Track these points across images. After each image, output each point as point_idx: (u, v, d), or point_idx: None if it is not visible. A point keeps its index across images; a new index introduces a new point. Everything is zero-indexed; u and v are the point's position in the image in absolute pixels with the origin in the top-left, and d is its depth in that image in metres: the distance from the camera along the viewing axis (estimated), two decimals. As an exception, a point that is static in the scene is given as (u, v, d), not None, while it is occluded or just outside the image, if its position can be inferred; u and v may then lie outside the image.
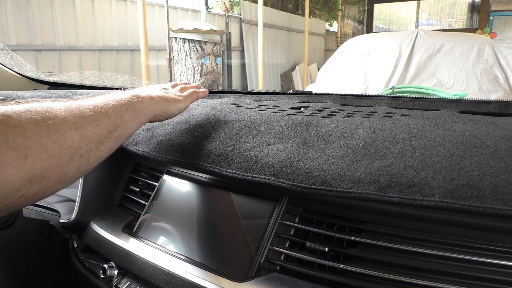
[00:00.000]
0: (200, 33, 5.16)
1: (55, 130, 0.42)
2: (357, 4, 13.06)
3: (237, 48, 6.96)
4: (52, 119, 0.43)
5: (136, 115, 0.56)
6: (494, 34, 10.16)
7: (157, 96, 0.63)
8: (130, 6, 5.27)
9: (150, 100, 0.60)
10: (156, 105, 0.61)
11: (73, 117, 0.45)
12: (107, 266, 0.63)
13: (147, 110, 0.59)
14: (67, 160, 0.43)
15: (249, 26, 7.00)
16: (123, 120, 0.53)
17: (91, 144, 0.47)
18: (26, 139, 0.39)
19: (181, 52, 5.16)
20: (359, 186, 0.47)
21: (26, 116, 0.40)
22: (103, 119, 0.50)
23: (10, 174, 0.37)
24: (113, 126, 0.51)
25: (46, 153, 0.41)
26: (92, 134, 0.47)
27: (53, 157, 0.41)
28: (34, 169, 0.39)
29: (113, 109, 0.52)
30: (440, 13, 15.61)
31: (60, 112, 0.44)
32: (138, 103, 0.57)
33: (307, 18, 7.70)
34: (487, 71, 2.42)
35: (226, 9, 6.46)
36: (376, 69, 2.66)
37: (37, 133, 0.40)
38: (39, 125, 0.41)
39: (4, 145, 0.37)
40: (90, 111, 0.48)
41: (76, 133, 0.45)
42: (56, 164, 0.42)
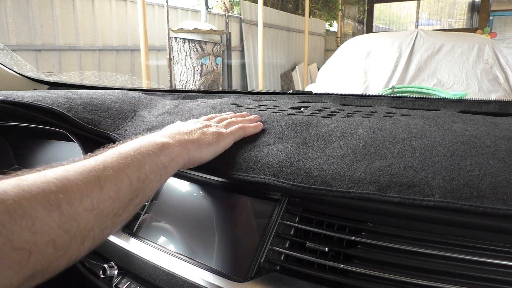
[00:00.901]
0: (200, 33, 5.16)
1: (69, 216, 0.35)
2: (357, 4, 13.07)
3: (237, 48, 6.96)
4: (66, 201, 0.35)
5: (162, 173, 0.47)
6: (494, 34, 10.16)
7: (189, 142, 0.53)
8: (130, 6, 5.27)
9: (180, 148, 0.51)
10: (185, 154, 0.52)
11: (92, 194, 0.38)
12: (107, 266, 0.63)
13: (174, 163, 0.50)
14: (77, 246, 0.36)
15: (249, 26, 7.00)
16: (146, 183, 0.44)
17: (107, 221, 0.39)
18: (34, 234, 0.32)
19: (181, 52, 5.16)
20: (359, 186, 0.47)
21: (37, 202, 0.33)
22: (124, 188, 0.41)
23: (8, 277, 0.31)
24: (134, 194, 0.43)
25: (54, 246, 0.34)
26: (109, 210, 0.39)
27: (60, 249, 0.35)
28: (37, 266, 0.33)
29: (137, 170, 0.43)
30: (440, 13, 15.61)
31: (77, 187, 0.37)
32: (165, 157, 0.48)
33: (307, 18, 7.70)
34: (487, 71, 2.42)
35: (226, 9, 6.46)
36: (376, 69, 2.66)
37: (47, 223, 0.33)
38: (51, 212, 0.34)
39: (8, 244, 0.30)
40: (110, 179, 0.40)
41: (92, 214, 0.37)
42: (64, 254, 0.35)
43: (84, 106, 0.81)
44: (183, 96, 1.06)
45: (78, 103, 0.81)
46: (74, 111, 0.78)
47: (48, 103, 0.77)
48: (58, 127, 0.79)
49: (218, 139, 0.58)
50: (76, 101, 0.81)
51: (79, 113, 0.78)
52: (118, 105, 0.86)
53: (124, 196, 0.42)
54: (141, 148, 0.47)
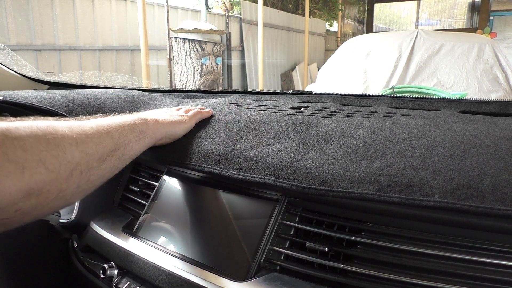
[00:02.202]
0: (200, 33, 5.16)
1: (54, 144, 0.42)
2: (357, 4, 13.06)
3: (237, 48, 6.96)
4: (52, 134, 0.42)
5: (140, 136, 0.56)
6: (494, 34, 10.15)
7: (162, 119, 0.63)
8: (130, 6, 5.26)
9: (155, 122, 0.61)
10: (161, 128, 0.62)
11: (74, 133, 0.45)
12: (107, 266, 0.63)
13: (151, 132, 0.59)
14: (66, 175, 0.42)
15: (249, 26, 6.99)
16: (126, 140, 0.53)
17: (92, 161, 0.46)
18: (25, 151, 0.38)
19: (181, 52, 5.16)
20: (359, 186, 0.47)
21: (26, 130, 0.40)
22: (105, 138, 0.49)
23: (7, 186, 0.36)
24: (115, 145, 0.51)
25: (44, 167, 0.40)
26: (93, 151, 0.47)
27: (51, 172, 0.41)
28: (31, 182, 0.39)
29: (116, 129, 0.52)
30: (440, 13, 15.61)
31: (61, 128, 0.44)
32: (142, 125, 0.58)
33: (307, 18, 7.70)
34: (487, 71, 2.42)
35: (226, 9, 6.46)
36: (376, 69, 2.66)
37: (36, 146, 0.40)
38: (39, 139, 0.41)
39: (2, 156, 0.37)
40: (92, 129, 0.48)
41: (77, 149, 0.44)
42: (55, 179, 0.41)
43: (84, 107, 0.81)
44: (183, 96, 1.06)
45: (78, 103, 0.81)
46: (75, 113, 0.78)
47: (49, 104, 0.77)
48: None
49: (185, 119, 0.70)
50: (77, 102, 0.81)
51: (80, 114, 0.78)
52: (118, 105, 0.86)
53: (106, 144, 0.49)
54: (121, 117, 0.56)
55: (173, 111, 0.73)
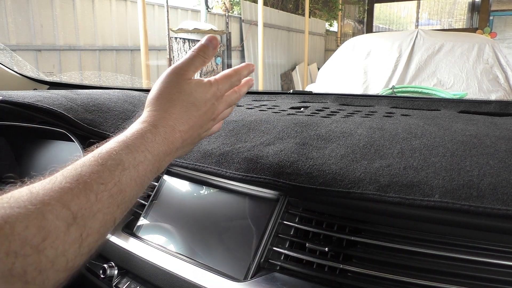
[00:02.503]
0: (200, 33, 5.16)
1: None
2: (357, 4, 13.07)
3: (237, 48, 6.96)
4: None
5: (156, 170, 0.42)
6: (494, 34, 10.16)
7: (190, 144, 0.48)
8: (130, 6, 5.27)
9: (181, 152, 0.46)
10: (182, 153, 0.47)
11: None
12: (107, 266, 0.63)
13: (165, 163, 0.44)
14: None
15: (249, 26, 7.00)
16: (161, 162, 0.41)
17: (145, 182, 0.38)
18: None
19: (181, 52, 5.16)
20: (359, 186, 0.47)
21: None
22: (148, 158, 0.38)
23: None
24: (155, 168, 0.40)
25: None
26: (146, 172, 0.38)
27: None
28: None
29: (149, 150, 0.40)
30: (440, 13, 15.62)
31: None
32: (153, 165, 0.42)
33: (307, 18, 7.70)
34: (487, 71, 2.42)
35: (226, 9, 6.46)
36: (376, 69, 2.66)
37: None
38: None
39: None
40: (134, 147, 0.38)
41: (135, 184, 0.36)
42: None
43: (84, 107, 0.81)
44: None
45: (78, 103, 0.81)
46: (74, 112, 0.78)
47: (48, 103, 0.77)
48: (58, 127, 0.79)
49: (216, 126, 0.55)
50: (76, 102, 0.81)
51: (79, 114, 0.78)
52: (118, 105, 0.86)
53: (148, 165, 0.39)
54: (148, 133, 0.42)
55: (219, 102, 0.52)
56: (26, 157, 1.01)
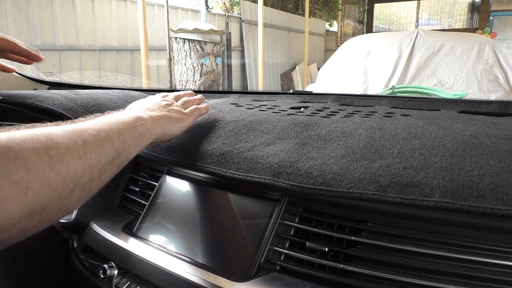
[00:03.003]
0: (200, 33, 5.16)
1: (57, 160, 0.40)
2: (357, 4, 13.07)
3: (237, 48, 6.96)
4: (54, 148, 0.40)
5: (139, 139, 0.54)
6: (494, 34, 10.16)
7: (160, 118, 0.61)
8: (130, 6, 5.27)
9: (153, 122, 0.59)
10: (159, 128, 0.60)
11: (76, 145, 0.43)
12: (107, 266, 0.63)
13: (149, 133, 0.57)
14: (69, 191, 0.41)
15: (249, 26, 7.00)
16: (126, 145, 0.51)
17: (94, 172, 0.45)
18: (28, 171, 0.36)
19: (181, 52, 5.16)
20: (359, 186, 0.47)
21: (27, 146, 0.38)
22: (107, 146, 0.47)
23: (10, 210, 0.35)
24: (116, 152, 0.49)
25: (48, 185, 0.38)
26: (95, 162, 0.45)
27: (55, 189, 0.39)
28: (35, 203, 0.37)
29: (117, 134, 0.50)
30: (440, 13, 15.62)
31: (62, 139, 0.42)
32: (141, 126, 0.55)
33: (307, 18, 7.70)
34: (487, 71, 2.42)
35: (226, 9, 6.47)
36: (376, 69, 2.66)
37: (39, 164, 0.38)
38: (41, 155, 0.38)
39: (4, 179, 0.34)
40: (93, 137, 0.46)
41: (80, 162, 0.43)
42: (58, 196, 0.40)
43: (84, 107, 0.81)
44: (183, 96, 1.06)
45: (78, 103, 0.81)
46: (74, 112, 0.78)
47: (48, 103, 0.77)
48: (58, 127, 0.79)
49: (183, 117, 0.66)
50: (76, 101, 0.81)
51: (80, 114, 0.78)
52: (118, 105, 0.86)
53: (108, 152, 0.47)
54: (119, 117, 0.54)
55: (171, 101, 0.70)
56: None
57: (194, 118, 0.70)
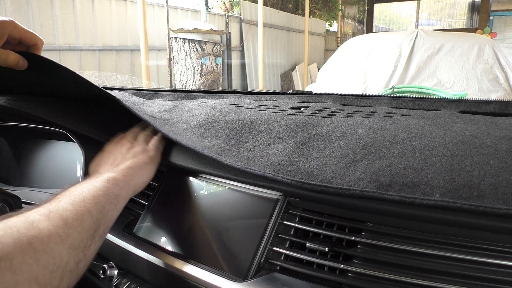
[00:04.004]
0: (200, 33, 5.16)
1: (42, 251, 0.37)
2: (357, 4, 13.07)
3: (237, 48, 6.97)
4: (37, 237, 0.37)
5: (115, 202, 0.52)
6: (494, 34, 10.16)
7: (128, 169, 0.58)
8: (130, 6, 5.27)
9: (124, 178, 0.56)
10: (131, 181, 0.57)
11: (57, 228, 0.40)
12: (107, 266, 0.63)
13: (125, 191, 0.55)
14: (57, 282, 0.38)
15: (249, 26, 7.00)
16: (105, 213, 0.49)
17: (79, 254, 0.42)
18: (14, 273, 0.33)
19: (181, 52, 5.16)
20: (359, 185, 0.47)
21: (9, 242, 0.35)
22: (86, 220, 0.45)
23: None
24: (96, 224, 0.46)
25: (37, 283, 0.36)
26: (78, 243, 0.43)
27: (43, 286, 0.36)
28: None
29: (93, 203, 0.47)
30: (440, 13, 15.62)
31: (42, 225, 0.39)
32: (114, 187, 0.53)
33: (307, 18, 7.70)
34: (487, 71, 2.42)
35: (226, 9, 6.47)
36: (376, 69, 2.66)
37: (25, 261, 0.35)
38: (26, 250, 0.35)
39: None
40: (71, 213, 0.44)
41: (64, 247, 0.40)
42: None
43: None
44: (183, 96, 1.06)
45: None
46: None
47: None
48: (58, 127, 0.79)
49: (149, 156, 0.63)
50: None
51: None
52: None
53: (89, 227, 0.45)
54: (91, 184, 0.51)
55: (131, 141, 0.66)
56: (26, 157, 1.01)
57: (160, 152, 0.67)
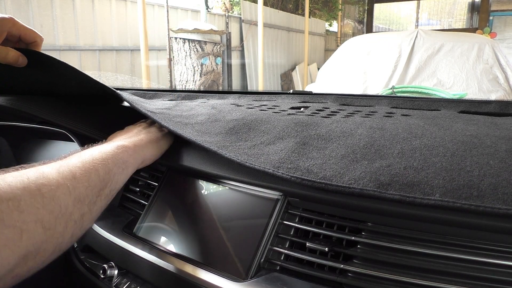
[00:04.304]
0: (200, 33, 5.16)
1: (49, 198, 0.39)
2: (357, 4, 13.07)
3: (237, 48, 6.97)
4: (45, 185, 0.40)
5: (123, 167, 0.53)
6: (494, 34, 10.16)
7: (140, 141, 0.60)
8: (130, 6, 5.27)
9: (134, 147, 0.58)
10: (141, 151, 0.59)
11: (65, 179, 0.43)
12: (107, 266, 0.63)
13: (133, 159, 0.57)
14: (61, 229, 0.40)
15: (249, 26, 7.00)
16: (112, 175, 0.51)
17: (84, 207, 0.44)
18: (22, 212, 0.36)
19: (181, 52, 5.16)
20: (359, 183, 0.46)
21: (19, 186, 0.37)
22: (93, 178, 0.47)
23: (5, 255, 0.34)
24: (103, 183, 0.48)
25: (42, 225, 0.38)
26: (84, 196, 0.45)
27: (48, 229, 0.38)
28: (29, 245, 0.36)
29: (101, 164, 0.49)
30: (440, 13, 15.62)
31: (52, 176, 0.42)
32: (123, 153, 0.55)
33: (307, 18, 7.70)
34: (487, 71, 2.42)
35: (226, 9, 6.47)
36: (376, 69, 2.66)
37: (32, 204, 0.37)
38: (34, 195, 0.38)
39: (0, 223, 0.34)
40: (80, 170, 0.46)
41: (70, 198, 0.42)
42: (51, 236, 0.39)
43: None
44: (183, 96, 1.06)
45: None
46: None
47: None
48: (58, 127, 0.79)
49: (163, 134, 0.66)
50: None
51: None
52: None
53: (95, 184, 0.47)
54: (102, 148, 0.53)
55: (149, 127, 0.69)
56: (26, 157, 1.01)
57: (172, 137, 0.68)
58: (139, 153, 0.59)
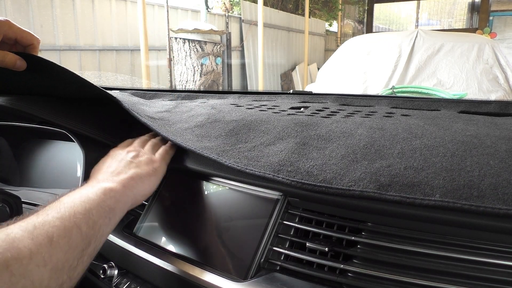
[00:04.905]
0: (200, 33, 5.16)
1: (20, 275, 0.34)
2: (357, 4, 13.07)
3: (237, 48, 6.97)
4: (15, 258, 0.34)
5: (110, 216, 0.47)
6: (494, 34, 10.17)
7: (129, 179, 0.53)
8: (130, 6, 5.27)
9: (123, 189, 0.51)
10: (131, 193, 0.52)
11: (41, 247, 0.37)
12: (107, 266, 0.63)
13: (122, 204, 0.50)
14: None
15: (249, 26, 7.00)
16: (97, 229, 0.44)
17: (62, 275, 0.39)
18: None
19: (181, 52, 5.16)
20: (359, 185, 0.47)
21: None
22: (74, 237, 0.41)
23: None
24: (85, 242, 0.42)
25: None
26: (63, 263, 0.39)
27: None
28: None
29: (84, 218, 0.43)
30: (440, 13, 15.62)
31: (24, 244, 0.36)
32: (110, 200, 0.48)
33: (307, 18, 7.70)
34: (487, 71, 2.42)
35: (226, 9, 6.47)
36: (376, 69, 2.66)
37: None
38: (1, 273, 0.33)
39: None
40: (58, 230, 0.40)
41: (45, 270, 0.36)
42: None
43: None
44: (183, 96, 1.06)
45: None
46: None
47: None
48: (58, 127, 0.79)
49: (154, 167, 0.59)
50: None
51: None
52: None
53: (76, 245, 0.41)
54: (85, 194, 0.47)
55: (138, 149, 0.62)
56: (26, 157, 1.01)
57: (166, 163, 0.63)
58: (129, 195, 0.52)
